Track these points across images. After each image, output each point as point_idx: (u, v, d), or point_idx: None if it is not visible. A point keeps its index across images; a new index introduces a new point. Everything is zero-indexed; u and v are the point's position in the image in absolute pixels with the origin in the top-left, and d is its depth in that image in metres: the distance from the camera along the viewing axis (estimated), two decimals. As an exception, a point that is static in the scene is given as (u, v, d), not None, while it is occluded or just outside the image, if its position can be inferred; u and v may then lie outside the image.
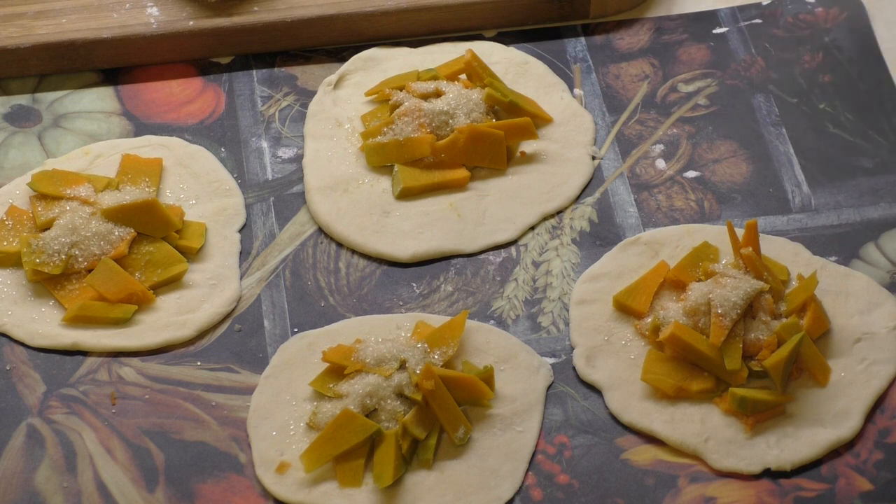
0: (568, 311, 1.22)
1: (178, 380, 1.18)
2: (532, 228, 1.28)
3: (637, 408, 1.16)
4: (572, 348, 1.20)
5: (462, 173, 1.30)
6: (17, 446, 1.14)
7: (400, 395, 1.13)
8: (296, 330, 1.21)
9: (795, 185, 1.31)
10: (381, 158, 1.31)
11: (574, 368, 1.18)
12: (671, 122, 1.36)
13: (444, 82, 1.33)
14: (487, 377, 1.15)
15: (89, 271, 1.22)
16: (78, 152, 1.33)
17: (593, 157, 1.33)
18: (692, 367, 1.16)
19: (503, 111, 1.33)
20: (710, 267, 1.20)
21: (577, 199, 1.30)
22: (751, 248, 1.18)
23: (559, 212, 1.29)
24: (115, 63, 1.39)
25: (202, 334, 1.21)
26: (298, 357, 1.19)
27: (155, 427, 1.15)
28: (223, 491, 1.12)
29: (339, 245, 1.27)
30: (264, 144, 1.34)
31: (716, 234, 1.26)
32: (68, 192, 1.26)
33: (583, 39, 1.43)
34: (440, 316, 1.21)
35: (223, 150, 1.34)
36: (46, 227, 1.24)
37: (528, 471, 1.13)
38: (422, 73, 1.36)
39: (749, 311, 1.17)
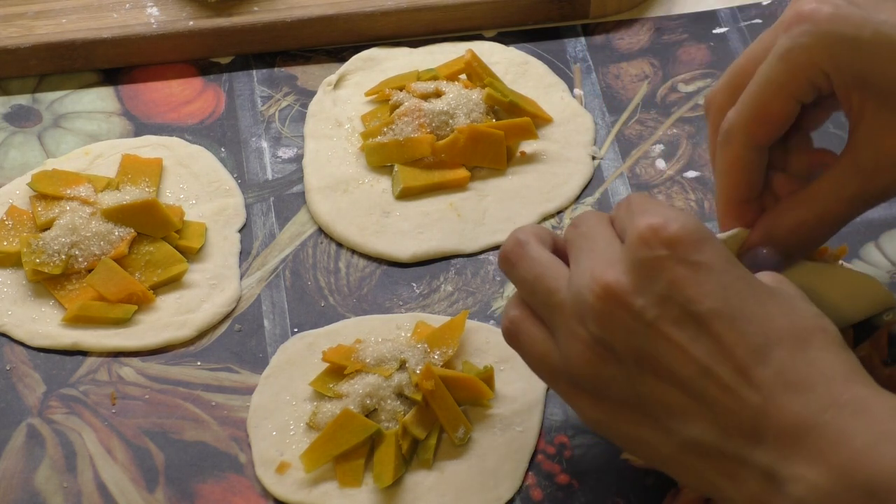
0: (568, 311, 1.22)
1: (178, 380, 1.18)
2: (532, 228, 1.28)
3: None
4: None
5: (462, 173, 1.30)
6: (17, 446, 1.14)
7: (400, 395, 1.13)
8: (296, 330, 1.21)
9: (795, 185, 1.30)
10: (381, 158, 1.31)
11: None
12: (671, 123, 1.36)
13: (444, 82, 1.33)
14: (487, 377, 1.15)
15: (89, 271, 1.22)
16: (78, 152, 1.33)
17: (593, 157, 1.33)
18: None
19: (503, 111, 1.33)
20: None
21: (577, 199, 1.30)
22: None
23: (559, 212, 1.29)
24: (115, 63, 1.39)
25: (202, 334, 1.21)
26: (298, 357, 1.19)
27: (155, 427, 1.15)
28: (223, 491, 1.12)
29: (339, 245, 1.27)
30: (264, 144, 1.34)
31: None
32: (68, 192, 1.26)
33: (583, 39, 1.43)
34: (440, 316, 1.21)
35: (223, 150, 1.34)
36: (46, 227, 1.24)
37: (528, 471, 1.13)
38: (422, 73, 1.36)
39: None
